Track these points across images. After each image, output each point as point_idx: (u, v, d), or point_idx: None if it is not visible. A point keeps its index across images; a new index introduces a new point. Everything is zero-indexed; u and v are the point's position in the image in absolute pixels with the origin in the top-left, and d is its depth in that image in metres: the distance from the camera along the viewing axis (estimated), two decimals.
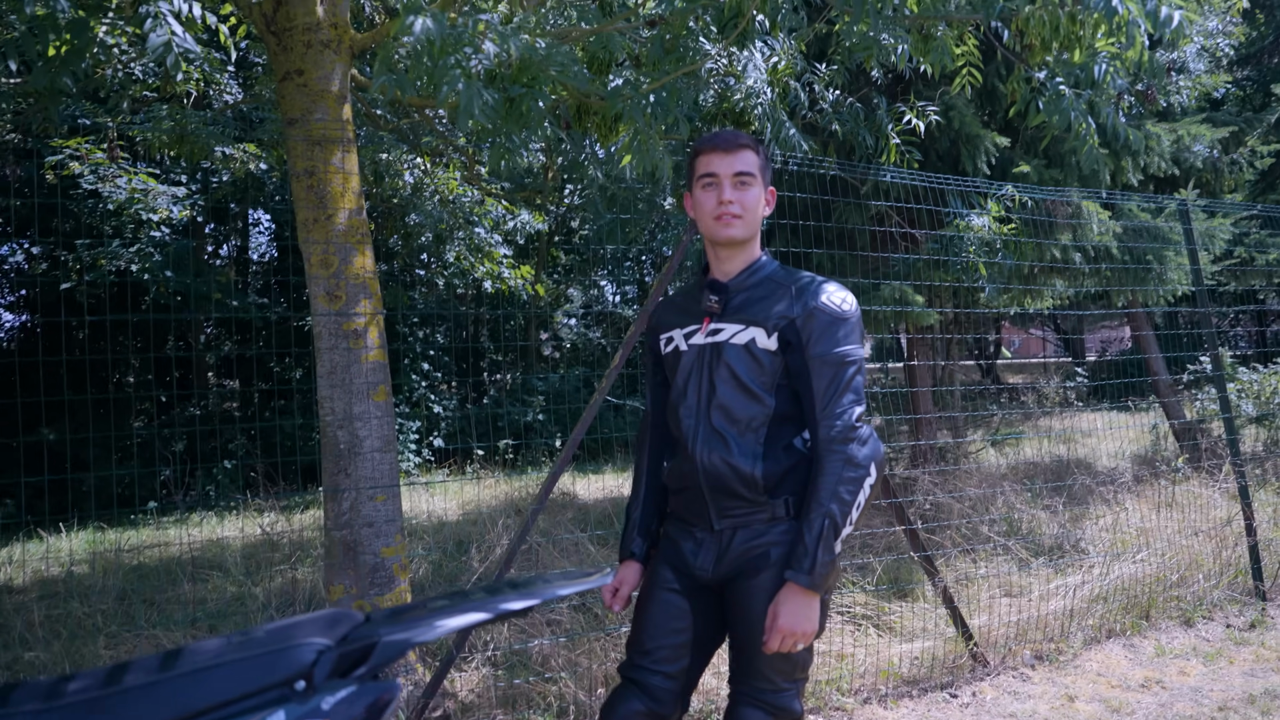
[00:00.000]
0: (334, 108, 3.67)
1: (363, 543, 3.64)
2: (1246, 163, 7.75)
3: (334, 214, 3.63)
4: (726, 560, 2.11)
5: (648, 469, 2.34)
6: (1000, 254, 5.21)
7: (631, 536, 2.31)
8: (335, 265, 3.63)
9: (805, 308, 2.04)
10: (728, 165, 2.09)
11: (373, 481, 3.65)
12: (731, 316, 2.10)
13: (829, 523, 1.94)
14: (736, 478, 2.05)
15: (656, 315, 2.32)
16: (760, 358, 2.06)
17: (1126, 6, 2.21)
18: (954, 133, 5.43)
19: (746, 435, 2.06)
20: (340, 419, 3.63)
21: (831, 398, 2.00)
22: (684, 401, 2.14)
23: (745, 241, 2.13)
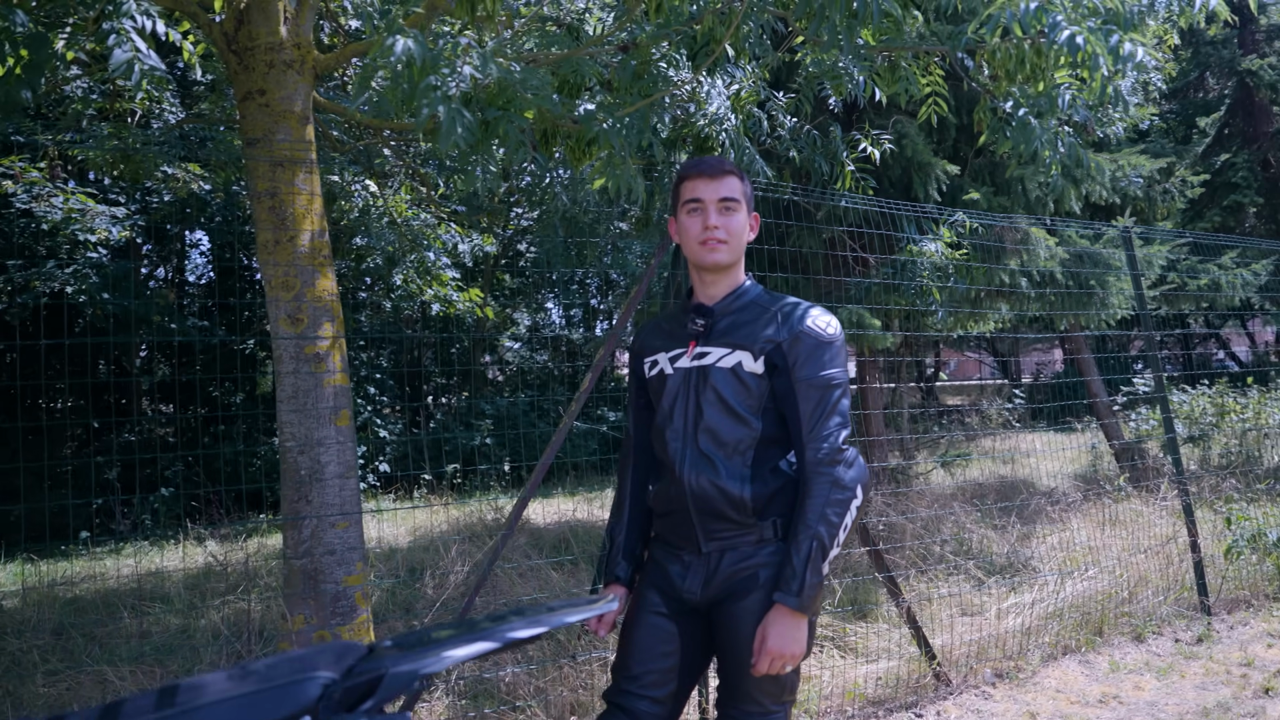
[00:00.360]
0: (297, 128, 3.62)
1: (324, 571, 3.55)
2: (1178, 192, 8.05)
3: (296, 235, 3.57)
4: (715, 583, 2.10)
5: (631, 492, 2.33)
6: (952, 279, 5.32)
7: (616, 560, 2.30)
8: (297, 288, 3.56)
9: (791, 331, 2.06)
10: (713, 191, 2.11)
11: (334, 508, 3.57)
12: (717, 340, 2.12)
13: (817, 544, 1.96)
14: (725, 500, 2.05)
15: (640, 339, 2.33)
16: (747, 381, 2.07)
17: (1088, 42, 2.29)
18: (906, 160, 5.56)
19: (734, 458, 2.07)
20: (301, 444, 3.55)
21: (818, 421, 2.02)
22: (670, 425, 2.14)
23: (730, 266, 2.15)
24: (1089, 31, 2.29)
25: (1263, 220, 10.38)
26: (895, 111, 5.70)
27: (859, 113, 5.76)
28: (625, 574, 2.28)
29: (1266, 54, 10.29)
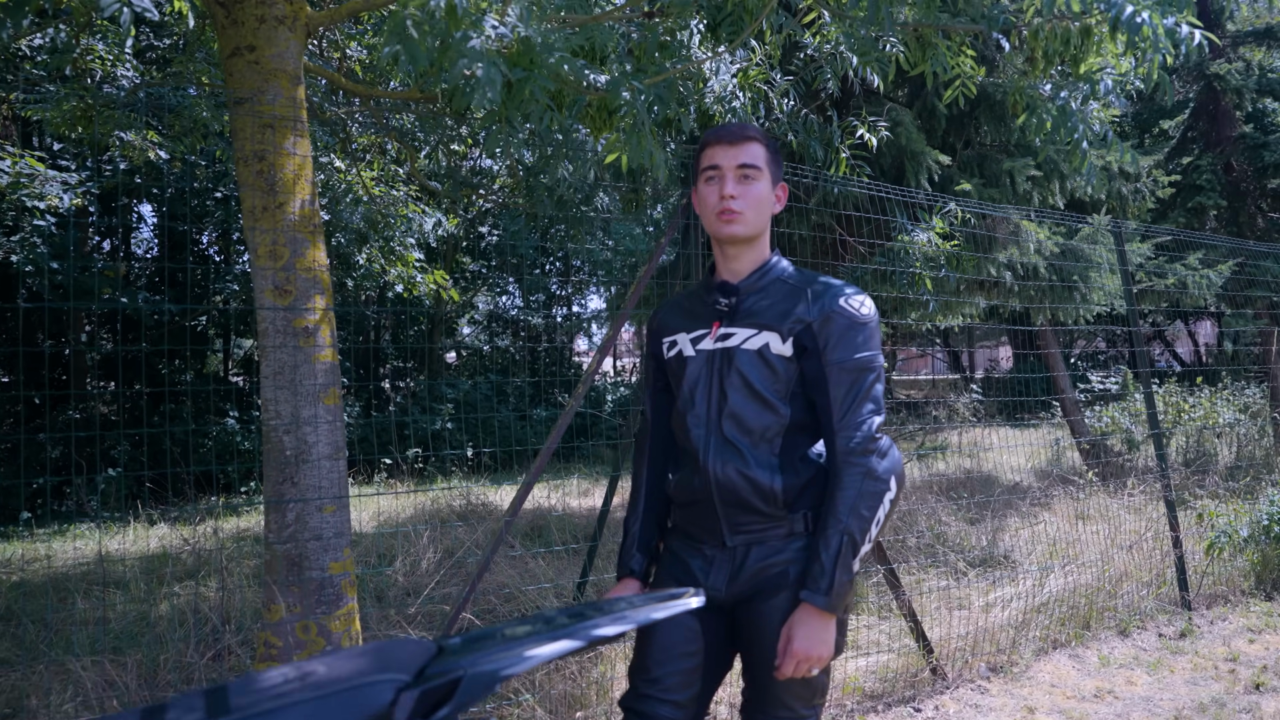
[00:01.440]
0: (288, 88, 3.42)
1: (309, 557, 3.38)
2: (1149, 191, 8.13)
3: (286, 202, 3.37)
4: (741, 579, 1.97)
5: (647, 481, 2.20)
6: (943, 269, 5.28)
7: (630, 552, 2.16)
8: (285, 257, 3.37)
9: (823, 311, 1.92)
10: (731, 157, 1.96)
11: (321, 491, 3.39)
12: (743, 320, 1.98)
13: (847, 540, 1.82)
14: (754, 491, 1.92)
15: (659, 317, 2.19)
16: (774, 364, 1.94)
17: (1153, 19, 2.21)
18: (899, 149, 5.50)
19: (761, 446, 1.94)
20: (287, 423, 3.36)
21: (850, 406, 1.88)
22: (692, 410, 2.01)
23: (752, 239, 2.01)
24: (1150, 9, 2.21)
25: (1223, 223, 10.57)
26: (889, 100, 5.63)
27: (853, 99, 5.68)
28: (640, 567, 2.15)
29: (1233, 59, 10.46)
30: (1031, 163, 5.82)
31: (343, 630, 3.42)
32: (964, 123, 5.97)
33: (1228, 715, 3.61)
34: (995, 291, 6.25)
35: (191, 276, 11.62)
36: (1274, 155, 9.79)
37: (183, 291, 11.68)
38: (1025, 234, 5.45)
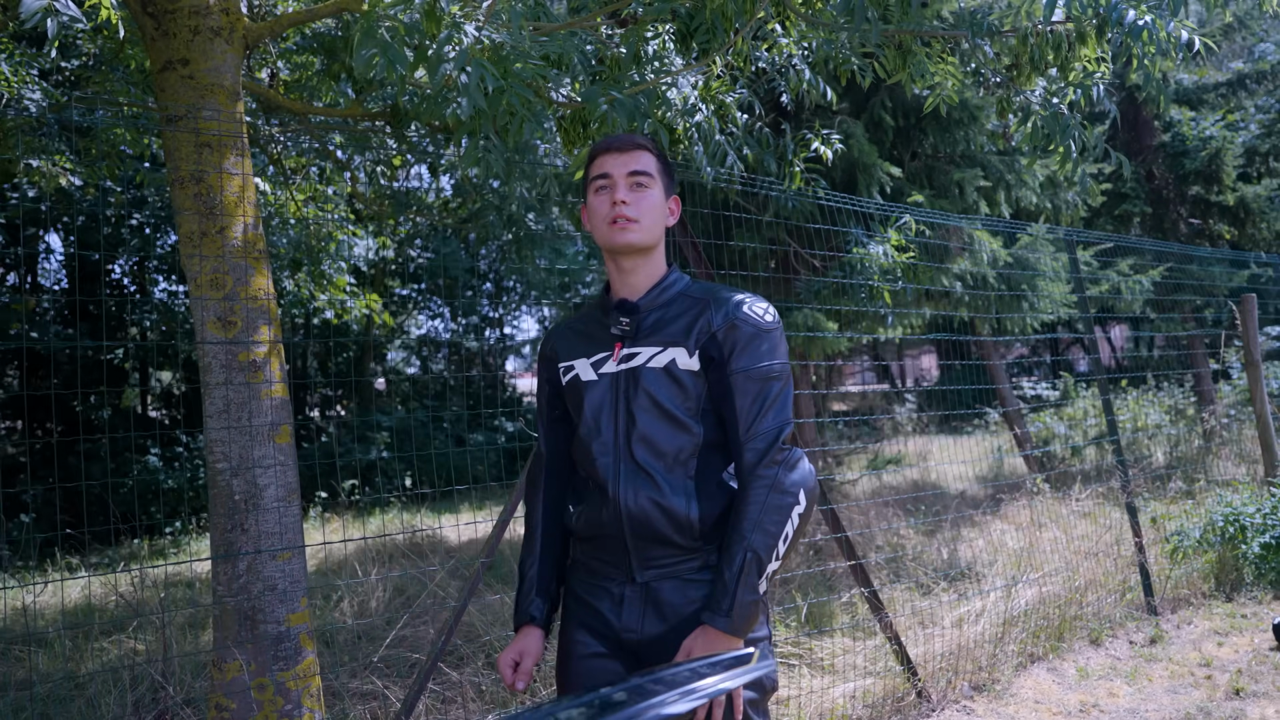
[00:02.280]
0: (226, 104, 3.19)
1: (263, 610, 3.12)
2: (1080, 200, 8.29)
3: (228, 226, 3.14)
4: (656, 617, 1.84)
5: (543, 518, 2.06)
6: (899, 281, 5.25)
7: (529, 598, 2.01)
8: (229, 286, 3.13)
9: (726, 319, 1.84)
10: (622, 165, 1.89)
11: (276, 538, 3.14)
12: (646, 339, 1.88)
13: (751, 557, 1.72)
14: (669, 521, 1.81)
15: (551, 344, 2.07)
16: (683, 380, 1.85)
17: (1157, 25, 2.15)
18: (851, 161, 5.47)
19: (675, 470, 1.84)
20: (236, 465, 3.11)
21: (756, 416, 1.81)
22: (597, 438, 1.89)
23: (647, 250, 1.92)
24: (1152, 13, 2.16)
25: (1147, 229, 10.89)
26: (838, 113, 5.61)
27: (804, 113, 5.64)
28: (541, 613, 2.01)
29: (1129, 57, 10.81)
30: (980, 173, 5.87)
31: (302, 687, 3.17)
32: (910, 134, 6.00)
33: None
34: (945, 302, 6.26)
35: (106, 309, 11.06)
36: (1193, 163, 10.13)
37: (96, 324, 11.11)
38: (979, 244, 5.47)
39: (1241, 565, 5.48)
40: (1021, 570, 5.42)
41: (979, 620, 4.65)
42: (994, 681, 4.11)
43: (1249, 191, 10.40)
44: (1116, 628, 4.82)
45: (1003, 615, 4.66)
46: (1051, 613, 4.69)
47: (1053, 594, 4.90)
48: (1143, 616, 4.97)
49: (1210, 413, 9.99)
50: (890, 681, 3.94)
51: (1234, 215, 10.45)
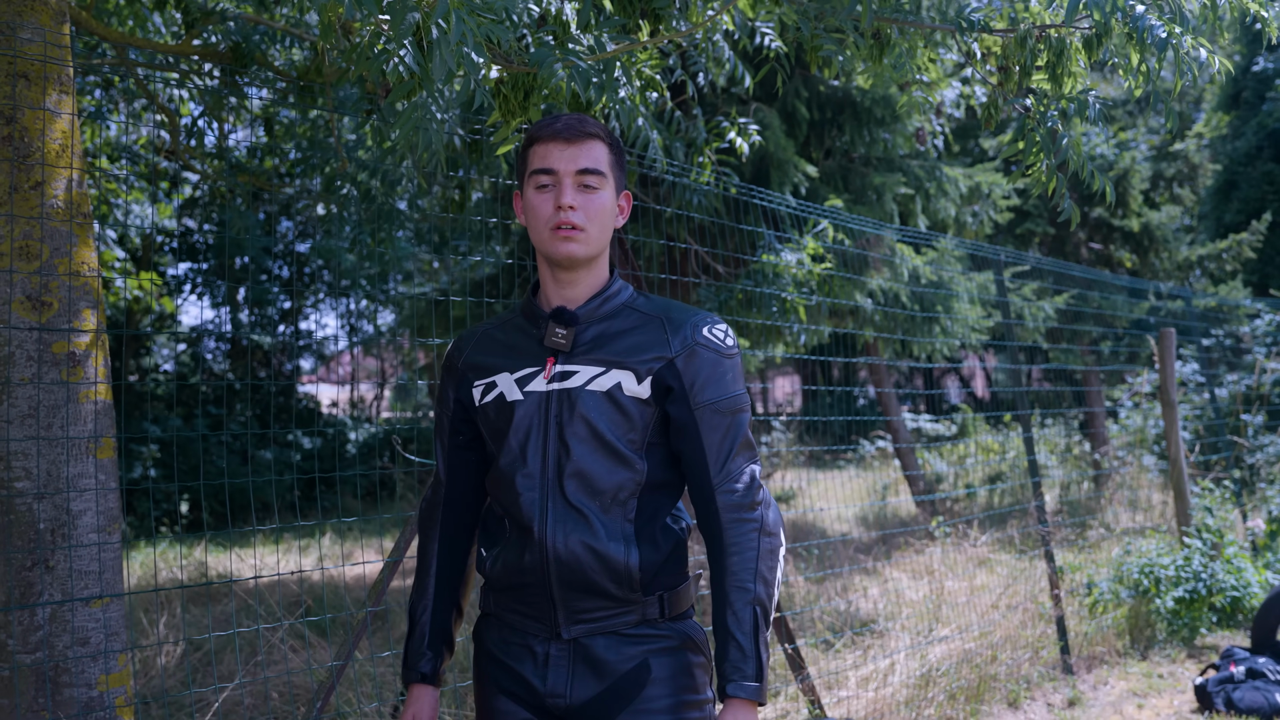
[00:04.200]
0: (51, 25, 2.99)
1: (70, 670, 2.90)
2: (988, 216, 8.86)
3: (46, 181, 2.93)
4: (590, 677, 1.86)
5: (439, 559, 2.06)
6: (813, 295, 5.45)
7: (420, 651, 2.01)
8: (44, 256, 2.91)
9: (685, 344, 1.87)
10: (569, 160, 1.86)
11: (90, 578, 2.94)
12: (584, 356, 1.88)
13: (760, 610, 1.78)
14: (604, 569, 1.82)
15: (463, 353, 2.05)
16: (628, 408, 1.86)
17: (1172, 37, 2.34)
18: (764, 155, 5.63)
19: (613, 510, 1.85)
20: (42, 486, 2.89)
21: (729, 455, 1.86)
22: (521, 469, 1.88)
23: (591, 260, 1.92)
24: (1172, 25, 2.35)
25: (1046, 249, 11.74)
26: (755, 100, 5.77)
27: (718, 98, 5.77)
28: (431, 669, 2.02)
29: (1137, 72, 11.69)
30: (901, 178, 6.18)
31: None
32: (825, 129, 6.24)
33: None
34: (853, 319, 6.54)
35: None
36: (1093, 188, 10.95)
37: None
38: (901, 258, 5.76)
39: (1155, 621, 5.98)
40: (928, 625, 5.72)
41: (889, 680, 4.86)
42: None
43: (1153, 218, 11.40)
44: (1034, 688, 5.16)
45: (914, 676, 4.89)
46: (968, 673, 4.97)
47: (966, 652, 5.18)
48: (1059, 676, 5.34)
49: (1103, 453, 10.83)
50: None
51: (1137, 242, 11.43)
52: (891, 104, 6.02)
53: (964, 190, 6.87)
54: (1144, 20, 2.33)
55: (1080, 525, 8.79)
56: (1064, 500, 10.48)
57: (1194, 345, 9.51)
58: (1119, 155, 11.57)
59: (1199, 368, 9.61)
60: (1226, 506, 7.40)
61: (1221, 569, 6.17)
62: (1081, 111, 2.82)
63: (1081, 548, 7.70)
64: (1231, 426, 9.66)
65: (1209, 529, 6.44)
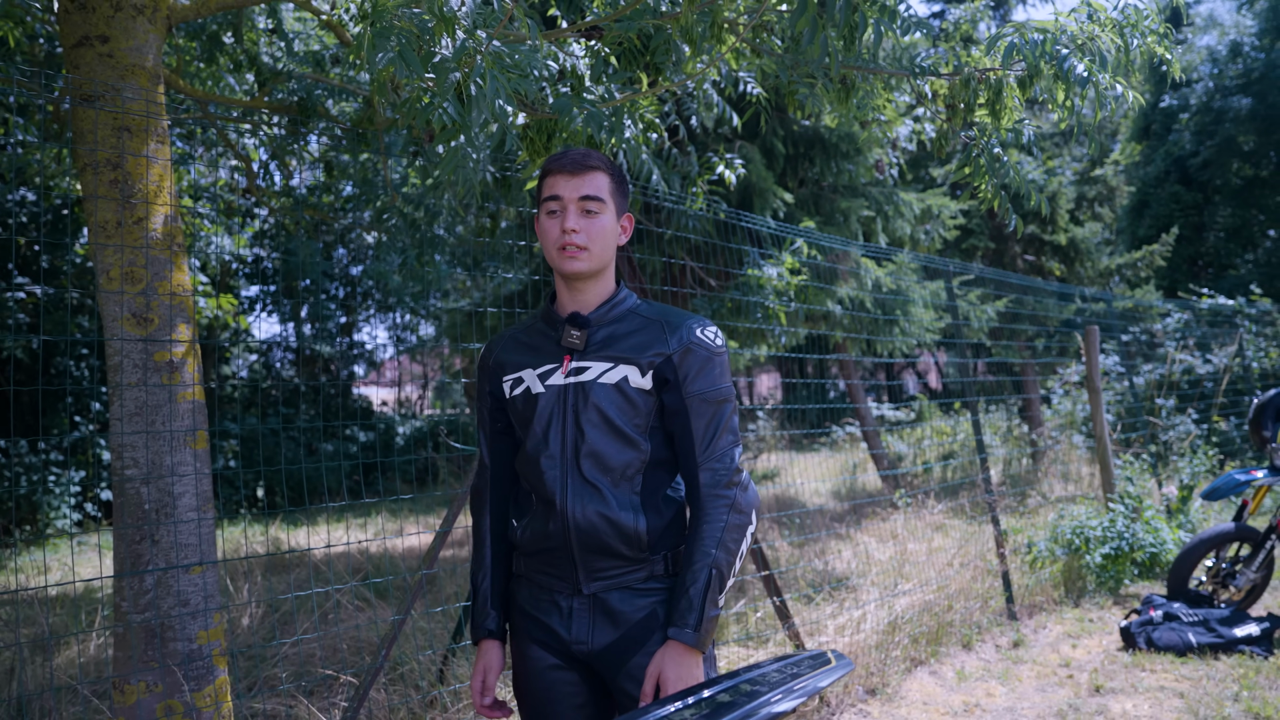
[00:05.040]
0: (148, 86, 3.01)
1: (174, 627, 2.94)
2: (938, 234, 8.88)
3: (146, 217, 2.96)
4: (607, 626, 1.89)
5: (491, 531, 2.07)
6: (791, 303, 5.47)
7: (485, 611, 2.02)
8: (145, 280, 2.95)
9: (681, 343, 1.89)
10: (573, 189, 1.88)
11: (189, 550, 2.97)
12: (596, 354, 1.91)
13: (715, 574, 1.79)
14: (616, 534, 1.85)
15: (495, 354, 2.07)
16: (634, 397, 1.89)
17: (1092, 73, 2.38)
18: (748, 185, 5.66)
19: (621, 485, 1.89)
20: (147, 472, 2.92)
21: (712, 439, 1.88)
22: (545, 450, 1.91)
23: (597, 274, 1.95)
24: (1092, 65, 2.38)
25: (987, 260, 11.76)
26: (739, 138, 5.81)
27: (709, 136, 5.81)
28: (497, 626, 2.03)
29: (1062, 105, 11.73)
30: (864, 203, 6.22)
31: (213, 708, 3.00)
32: (799, 162, 6.28)
33: (1085, 718, 3.92)
34: (825, 322, 6.56)
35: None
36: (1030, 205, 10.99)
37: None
38: (865, 270, 5.79)
39: (1085, 574, 5.99)
40: (893, 581, 5.74)
41: (861, 627, 4.89)
42: (885, 685, 4.34)
43: (1078, 233, 11.42)
44: (984, 632, 5.18)
45: (883, 623, 4.92)
46: (928, 620, 4.99)
47: (926, 602, 5.20)
48: (1005, 622, 5.35)
49: (1039, 434, 10.84)
50: None
51: (1065, 254, 11.44)
52: (855, 140, 6.07)
53: (917, 211, 6.91)
54: (1067, 62, 2.36)
55: (1021, 495, 8.81)
56: (1007, 474, 10.51)
57: (1115, 340, 9.52)
58: (1048, 180, 11.58)
59: (1119, 360, 9.62)
60: (1144, 477, 7.43)
61: (1141, 529, 6.18)
62: (1017, 141, 2.84)
63: (1022, 514, 7.72)
64: (1148, 409, 9.67)
65: (1130, 496, 6.45)
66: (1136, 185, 19.22)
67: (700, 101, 4.47)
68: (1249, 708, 3.95)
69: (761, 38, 3.13)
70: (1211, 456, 8.38)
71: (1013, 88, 2.81)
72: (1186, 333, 11.49)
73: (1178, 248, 17.70)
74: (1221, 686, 4.26)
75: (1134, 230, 18.99)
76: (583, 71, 2.79)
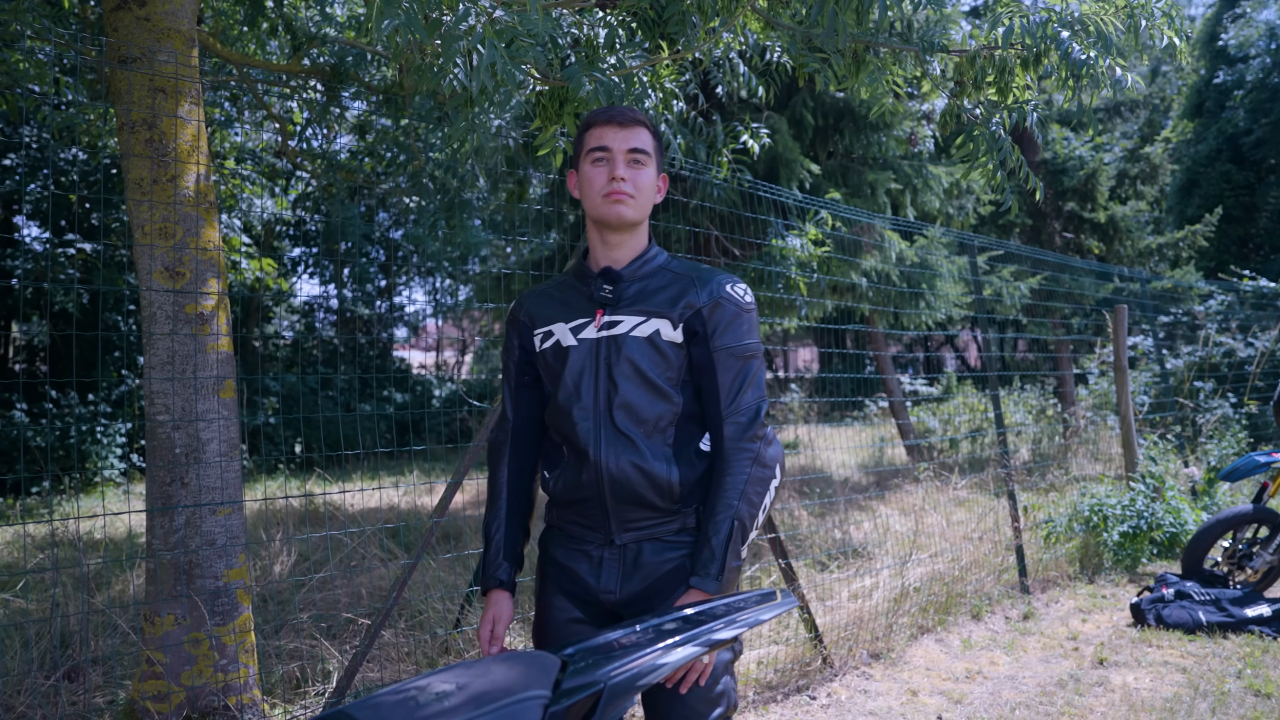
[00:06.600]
0: (183, 49, 3.14)
1: (201, 565, 3.11)
2: (971, 209, 8.82)
3: (179, 175, 3.09)
4: (635, 579, 1.91)
5: (508, 482, 2.07)
6: (814, 274, 5.50)
7: (496, 562, 2.02)
8: (178, 236, 3.09)
9: (711, 297, 1.91)
10: (622, 140, 1.91)
11: (216, 492, 3.13)
12: (628, 307, 1.92)
13: (737, 525, 1.81)
14: (650, 485, 1.87)
15: (525, 308, 2.08)
16: (666, 350, 1.90)
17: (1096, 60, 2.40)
18: (774, 155, 5.69)
19: (654, 437, 1.90)
20: (178, 418, 3.08)
21: (738, 393, 1.89)
22: (578, 402, 1.91)
23: (635, 226, 1.96)
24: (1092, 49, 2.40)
25: (1025, 239, 11.63)
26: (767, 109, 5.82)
27: (734, 105, 5.83)
28: (508, 576, 2.03)
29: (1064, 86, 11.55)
30: (891, 175, 6.21)
31: (237, 643, 3.17)
32: (828, 134, 6.28)
33: (1085, 688, 3.98)
34: (850, 295, 6.58)
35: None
36: (1071, 181, 10.88)
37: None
38: (889, 243, 5.80)
39: (1102, 551, 6.00)
40: (909, 551, 5.80)
41: (872, 595, 4.97)
42: (889, 650, 4.42)
43: (1119, 211, 11.24)
44: (995, 604, 5.23)
45: (895, 591, 4.99)
46: (939, 590, 5.05)
47: (939, 573, 5.26)
48: (1017, 595, 5.40)
49: (1071, 413, 10.76)
50: (795, 649, 4.19)
51: (1104, 232, 11.28)
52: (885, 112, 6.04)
53: (946, 186, 6.88)
54: (1065, 44, 2.38)
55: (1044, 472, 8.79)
56: (1037, 452, 10.46)
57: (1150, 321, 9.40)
58: (1094, 157, 11.39)
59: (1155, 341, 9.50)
60: (1169, 457, 7.37)
61: (1161, 509, 6.16)
62: (1021, 119, 2.86)
63: (1044, 490, 7.71)
64: (1181, 390, 9.55)
65: (1152, 475, 6.43)
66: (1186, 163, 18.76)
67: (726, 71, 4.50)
68: (1250, 685, 3.98)
69: (776, 10, 3.16)
70: (1241, 439, 8.29)
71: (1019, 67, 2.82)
72: (1229, 315, 11.29)
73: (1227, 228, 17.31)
74: (1226, 664, 4.29)
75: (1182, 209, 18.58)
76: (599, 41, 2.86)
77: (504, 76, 2.21)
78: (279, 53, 4.99)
